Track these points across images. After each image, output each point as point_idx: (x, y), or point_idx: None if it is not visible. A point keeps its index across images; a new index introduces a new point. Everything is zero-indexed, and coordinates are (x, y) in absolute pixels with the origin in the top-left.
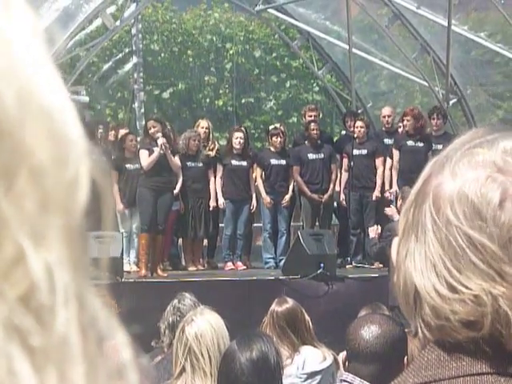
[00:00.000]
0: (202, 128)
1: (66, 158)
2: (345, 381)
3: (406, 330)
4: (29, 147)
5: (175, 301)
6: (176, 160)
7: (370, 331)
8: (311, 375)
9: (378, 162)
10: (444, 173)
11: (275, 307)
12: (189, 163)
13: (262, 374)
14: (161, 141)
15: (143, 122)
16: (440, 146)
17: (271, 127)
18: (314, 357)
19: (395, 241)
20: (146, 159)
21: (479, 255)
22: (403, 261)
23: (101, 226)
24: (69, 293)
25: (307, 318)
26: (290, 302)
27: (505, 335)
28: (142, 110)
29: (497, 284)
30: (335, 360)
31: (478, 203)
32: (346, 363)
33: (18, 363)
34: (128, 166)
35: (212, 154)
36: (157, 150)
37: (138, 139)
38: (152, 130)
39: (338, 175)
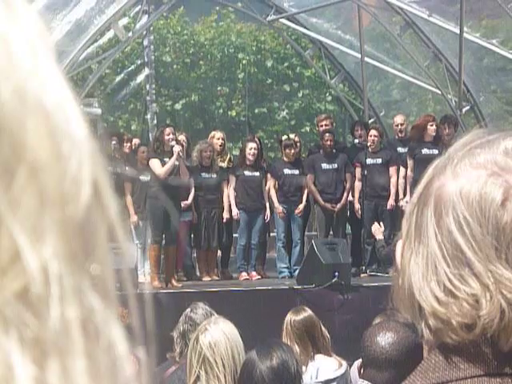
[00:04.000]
0: (218, 139)
1: (68, 154)
2: None
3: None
4: (29, 144)
5: (188, 310)
6: (186, 170)
7: (385, 338)
8: (325, 383)
9: (392, 170)
10: (446, 174)
11: (291, 316)
12: (203, 174)
13: (282, 381)
14: (177, 148)
15: None
16: None
17: (284, 137)
18: (328, 365)
19: (399, 244)
20: (159, 167)
21: (479, 259)
22: (408, 264)
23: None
24: (65, 286)
25: (324, 328)
26: (308, 311)
27: (501, 337)
28: (155, 122)
29: (495, 287)
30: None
31: (479, 203)
32: (362, 370)
33: (16, 357)
34: (142, 177)
35: (224, 165)
36: (172, 159)
37: None
38: (169, 137)
39: (352, 184)
